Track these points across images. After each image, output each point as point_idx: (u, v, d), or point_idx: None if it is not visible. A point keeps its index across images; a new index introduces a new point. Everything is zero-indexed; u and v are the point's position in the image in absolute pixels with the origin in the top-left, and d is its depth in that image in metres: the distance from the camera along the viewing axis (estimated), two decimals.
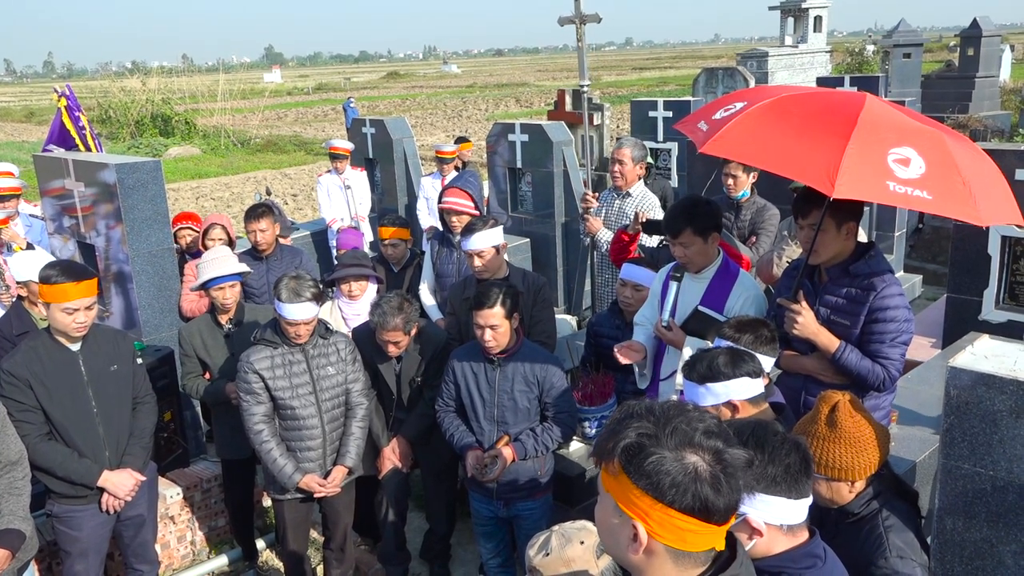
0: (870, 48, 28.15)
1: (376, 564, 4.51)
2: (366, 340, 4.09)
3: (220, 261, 4.32)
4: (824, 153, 2.59)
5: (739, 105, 2.96)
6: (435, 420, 4.09)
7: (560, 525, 2.28)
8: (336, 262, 5.75)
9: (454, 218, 5.04)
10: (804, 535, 1.90)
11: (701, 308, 3.42)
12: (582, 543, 2.19)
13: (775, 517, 1.85)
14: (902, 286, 3.09)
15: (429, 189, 8.05)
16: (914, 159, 2.61)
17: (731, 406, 2.56)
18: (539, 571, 2.20)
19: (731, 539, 1.48)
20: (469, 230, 4.19)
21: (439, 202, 5.29)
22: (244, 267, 4.47)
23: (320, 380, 3.84)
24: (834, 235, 3.02)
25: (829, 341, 3.04)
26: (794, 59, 21.73)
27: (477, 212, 4.98)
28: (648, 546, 1.38)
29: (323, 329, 3.91)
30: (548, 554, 2.19)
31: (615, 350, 3.53)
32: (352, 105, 26.53)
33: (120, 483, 3.63)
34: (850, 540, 2.32)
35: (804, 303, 3.04)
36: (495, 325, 3.51)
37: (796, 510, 1.87)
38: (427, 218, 8.00)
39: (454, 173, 8.14)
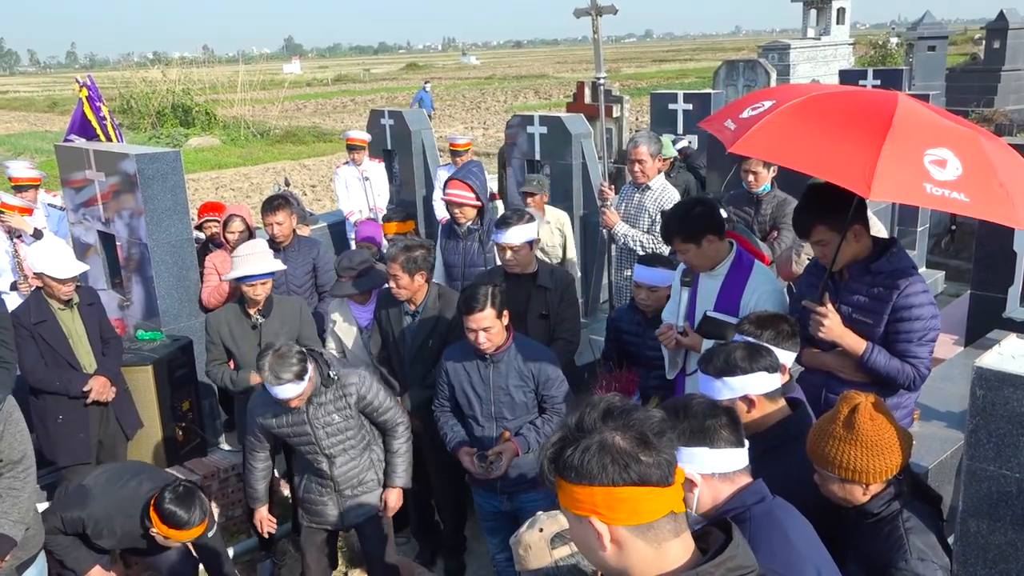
0: (894, 41, 27.85)
1: (417, 569, 4.49)
2: (389, 300, 4.24)
3: (257, 257, 4.32)
4: (859, 154, 2.53)
5: (767, 104, 2.90)
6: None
7: (549, 512, 2.30)
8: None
9: (456, 210, 5.05)
10: (745, 479, 2.08)
11: (711, 314, 3.40)
12: (541, 530, 2.23)
13: (704, 466, 2.04)
14: (926, 282, 3.05)
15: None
16: (950, 160, 2.55)
17: (747, 400, 2.54)
18: (513, 548, 2.23)
19: (727, 526, 1.50)
20: (504, 223, 4.16)
21: (443, 194, 5.30)
22: (279, 264, 4.51)
23: (323, 428, 3.65)
24: (842, 244, 2.97)
25: (856, 344, 2.99)
26: (816, 52, 21.50)
27: (479, 203, 4.96)
28: (612, 536, 1.41)
29: (324, 379, 3.58)
30: (517, 537, 2.25)
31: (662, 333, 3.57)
32: (427, 89, 25.88)
33: None
34: (869, 540, 2.29)
35: (830, 306, 2.99)
36: (488, 327, 3.48)
37: (723, 458, 2.05)
38: (442, 210, 8.02)
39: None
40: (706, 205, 3.43)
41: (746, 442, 2.12)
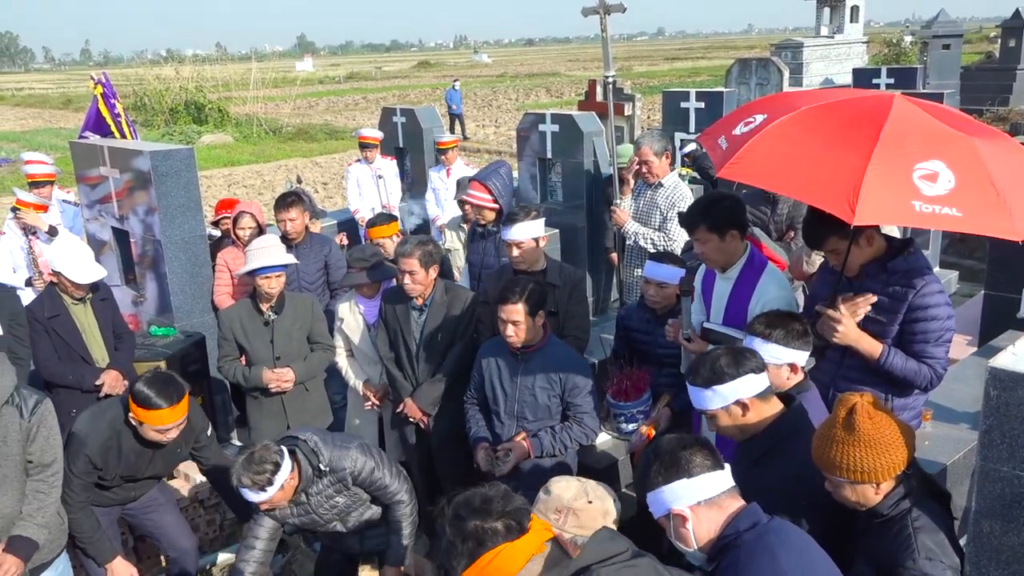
0: (908, 39, 27.66)
1: (428, 566, 4.47)
2: (395, 298, 4.25)
3: (270, 250, 4.35)
4: (844, 176, 2.48)
5: (759, 119, 2.85)
6: (447, 387, 4.17)
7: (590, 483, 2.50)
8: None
9: (475, 212, 5.08)
10: (735, 503, 2.11)
11: (707, 325, 3.42)
12: (592, 502, 2.38)
13: (689, 498, 2.08)
14: (941, 282, 3.02)
15: (436, 180, 8.06)
16: (942, 173, 2.49)
17: (741, 405, 2.54)
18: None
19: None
20: (511, 219, 4.17)
21: (465, 194, 5.32)
22: (292, 258, 4.53)
23: (329, 511, 3.47)
24: (853, 250, 2.95)
25: (872, 347, 2.96)
26: (830, 50, 21.39)
27: (496, 205, 4.97)
28: None
29: (316, 471, 3.32)
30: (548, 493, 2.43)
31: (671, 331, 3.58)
32: (456, 88, 25.41)
33: (119, 573, 3.70)
34: (878, 540, 2.29)
35: (843, 310, 2.96)
36: (516, 321, 3.50)
37: (705, 484, 2.08)
38: (435, 208, 8.02)
39: (459, 162, 8.09)
40: (734, 200, 3.44)
41: (726, 465, 2.14)
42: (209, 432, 3.90)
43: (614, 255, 6.85)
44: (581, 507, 2.34)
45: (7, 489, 3.18)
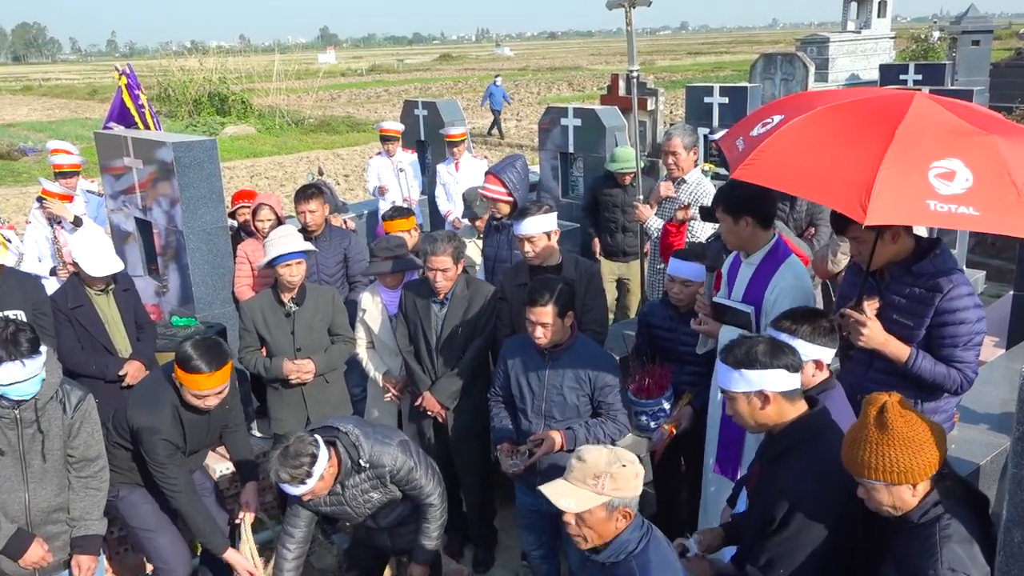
0: (936, 34, 27.27)
1: (452, 564, 4.44)
2: (416, 291, 4.25)
3: (288, 239, 4.37)
4: (856, 175, 2.44)
5: (776, 119, 2.82)
6: (466, 382, 4.17)
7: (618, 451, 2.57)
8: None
9: (491, 206, 5.06)
10: None
11: (717, 300, 3.42)
12: (626, 466, 2.45)
13: None
14: (971, 284, 2.96)
15: (445, 175, 8.03)
16: (959, 171, 2.44)
17: (762, 396, 2.51)
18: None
19: None
20: (522, 214, 4.13)
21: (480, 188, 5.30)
22: (310, 245, 4.54)
23: (364, 505, 3.43)
24: (879, 244, 2.90)
25: (899, 350, 2.91)
26: (856, 45, 21.16)
27: (511, 198, 4.94)
28: None
29: (356, 467, 3.29)
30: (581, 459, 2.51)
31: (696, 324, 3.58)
32: (499, 84, 24.59)
33: (238, 563, 3.75)
34: (905, 545, 2.24)
35: (870, 312, 2.91)
36: (546, 323, 3.47)
37: None
38: (446, 204, 8.00)
39: (467, 155, 8.06)
40: (756, 189, 3.39)
41: None
42: (237, 397, 3.97)
43: (596, 241, 6.85)
44: (617, 471, 2.43)
45: (47, 483, 3.26)
